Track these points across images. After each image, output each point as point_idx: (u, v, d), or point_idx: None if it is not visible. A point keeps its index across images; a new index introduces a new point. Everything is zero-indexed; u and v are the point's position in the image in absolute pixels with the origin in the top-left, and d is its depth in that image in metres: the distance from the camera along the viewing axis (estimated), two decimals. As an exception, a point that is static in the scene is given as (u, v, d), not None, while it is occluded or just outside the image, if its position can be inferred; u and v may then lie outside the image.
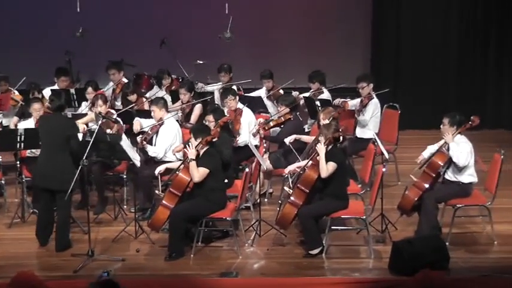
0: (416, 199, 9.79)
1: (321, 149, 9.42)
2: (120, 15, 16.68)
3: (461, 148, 9.68)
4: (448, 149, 9.77)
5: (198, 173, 9.46)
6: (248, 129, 11.55)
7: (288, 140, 10.94)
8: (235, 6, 15.69)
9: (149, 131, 11.07)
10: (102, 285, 6.88)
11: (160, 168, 10.15)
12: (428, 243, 9.14)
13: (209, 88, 13.62)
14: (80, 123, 10.60)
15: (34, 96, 12.31)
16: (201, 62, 13.71)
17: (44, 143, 9.94)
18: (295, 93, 12.83)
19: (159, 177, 10.04)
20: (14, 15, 16.79)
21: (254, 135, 11.48)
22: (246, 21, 16.12)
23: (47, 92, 12.83)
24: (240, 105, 11.77)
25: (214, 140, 9.78)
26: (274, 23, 16.79)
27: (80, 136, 10.70)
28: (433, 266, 8.54)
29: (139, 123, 11.23)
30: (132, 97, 12.49)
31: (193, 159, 9.49)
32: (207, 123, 10.60)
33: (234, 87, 13.39)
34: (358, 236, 10.12)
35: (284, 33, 16.66)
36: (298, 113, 11.67)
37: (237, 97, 11.82)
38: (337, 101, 12.52)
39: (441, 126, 9.90)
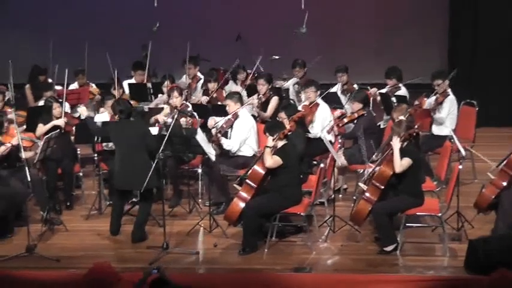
0: (493, 197, 9.63)
1: (396, 144, 9.35)
2: (196, 9, 16.81)
3: None
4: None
5: (272, 160, 9.47)
6: (322, 123, 11.52)
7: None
8: (311, 2, 15.66)
9: (224, 125, 11.13)
10: (152, 284, 6.90)
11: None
12: (505, 243, 8.98)
13: (285, 85, 13.60)
14: (159, 117, 10.80)
15: (113, 89, 12.47)
16: (276, 57, 13.70)
17: (118, 148, 10.10)
18: (373, 90, 12.73)
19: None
20: (91, 10, 17.08)
21: (328, 132, 11.45)
22: (322, 16, 16.09)
23: (125, 85, 13.01)
24: (318, 100, 11.76)
25: (290, 133, 9.77)
26: (349, 18, 16.72)
27: (156, 130, 10.83)
28: (510, 266, 8.40)
29: (214, 120, 11.28)
30: (212, 85, 12.57)
31: (269, 147, 9.50)
32: (279, 119, 10.62)
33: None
34: (433, 233, 10.01)
35: (359, 28, 16.59)
36: (371, 109, 11.60)
37: (319, 92, 11.79)
38: (373, 90, 12.44)
39: None
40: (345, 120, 11.48)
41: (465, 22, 15.76)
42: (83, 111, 11.98)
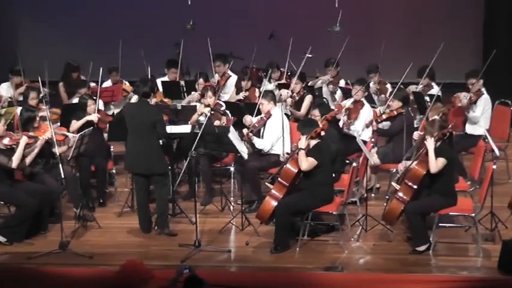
0: (528, 198, 9.56)
1: (430, 144, 9.30)
2: (229, 8, 16.84)
3: None
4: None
5: (307, 162, 9.45)
6: (364, 122, 11.50)
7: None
8: (345, 0, 15.62)
9: (256, 124, 11.13)
10: (186, 282, 6.91)
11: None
12: (539, 243, 8.92)
13: (319, 83, 13.57)
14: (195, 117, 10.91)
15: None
16: (309, 56, 13.67)
17: (130, 129, 10.10)
18: (411, 87, 12.66)
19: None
20: (126, 7, 17.16)
21: (367, 126, 11.42)
22: (355, 15, 16.04)
23: (159, 83, 13.06)
24: (363, 100, 11.75)
25: (323, 133, 9.75)
26: (383, 17, 16.66)
27: (189, 128, 10.87)
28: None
29: (250, 119, 11.29)
30: (246, 83, 12.59)
31: (302, 149, 9.49)
32: (312, 117, 10.60)
33: (342, 81, 13.36)
34: (466, 233, 9.94)
35: (392, 27, 16.53)
36: (409, 108, 11.55)
37: (366, 93, 11.78)
38: (411, 88, 12.39)
39: None
40: (384, 116, 11.42)
41: (500, 20, 15.63)
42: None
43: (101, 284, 8.45)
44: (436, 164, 9.22)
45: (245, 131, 11.05)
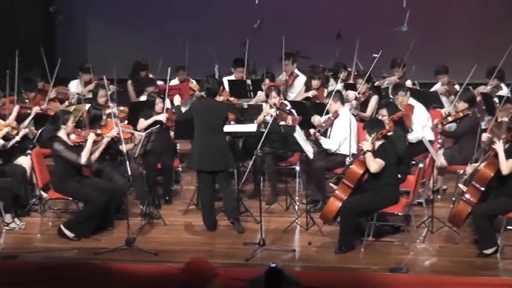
0: None
1: (499, 147, 9.17)
2: (296, 7, 16.81)
3: None
4: None
5: (376, 164, 9.40)
6: (421, 124, 11.38)
7: None
8: (413, 0, 15.50)
9: (323, 124, 11.10)
10: (267, 273, 6.92)
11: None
12: None
13: (385, 83, 13.49)
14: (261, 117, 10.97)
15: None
16: (376, 56, 13.61)
17: (202, 127, 10.14)
18: (479, 88, 12.50)
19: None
20: (193, 7, 17.26)
21: (432, 129, 11.31)
22: (423, 15, 15.90)
23: (225, 82, 13.12)
24: (411, 101, 11.59)
25: (389, 134, 9.69)
26: (450, 17, 16.47)
27: (254, 127, 10.90)
28: None
29: (318, 119, 11.27)
30: (316, 82, 12.58)
31: (369, 151, 9.44)
32: (380, 117, 10.53)
33: (409, 82, 13.25)
34: (536, 237, 9.80)
35: (460, 27, 16.32)
36: (476, 109, 11.41)
37: (408, 93, 11.65)
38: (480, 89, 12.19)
39: None
40: (450, 119, 11.30)
41: None
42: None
43: (165, 281, 8.50)
44: (507, 165, 9.10)
45: (312, 130, 11.04)
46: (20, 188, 10.76)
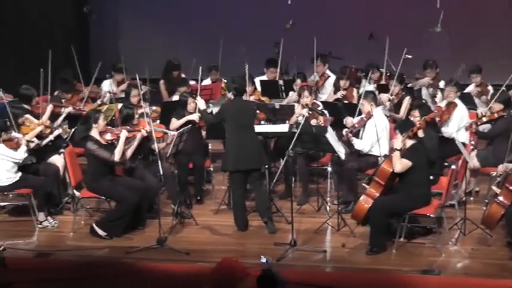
0: None
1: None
2: (329, 7, 16.78)
3: None
4: None
5: (401, 164, 9.36)
6: (458, 123, 11.33)
7: None
8: (447, 0, 15.40)
9: (356, 124, 11.07)
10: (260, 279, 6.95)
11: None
12: None
13: (418, 85, 13.41)
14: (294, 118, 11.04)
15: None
16: (409, 57, 13.54)
17: (235, 127, 10.15)
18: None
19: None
20: (226, 7, 17.29)
21: (467, 129, 11.25)
22: (456, 15, 15.80)
23: (257, 82, 13.12)
24: (457, 101, 11.56)
25: (420, 134, 9.64)
26: (484, 17, 16.36)
27: (286, 127, 10.90)
28: None
29: (351, 120, 11.24)
30: (344, 82, 12.56)
31: (397, 150, 9.40)
32: (412, 118, 10.48)
33: (442, 83, 13.16)
34: None
35: (495, 28, 16.18)
36: (511, 111, 11.33)
37: (458, 92, 11.62)
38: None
39: None
40: (484, 119, 11.22)
41: None
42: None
43: (197, 280, 8.52)
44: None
45: (345, 131, 11.02)
46: (53, 187, 10.84)
